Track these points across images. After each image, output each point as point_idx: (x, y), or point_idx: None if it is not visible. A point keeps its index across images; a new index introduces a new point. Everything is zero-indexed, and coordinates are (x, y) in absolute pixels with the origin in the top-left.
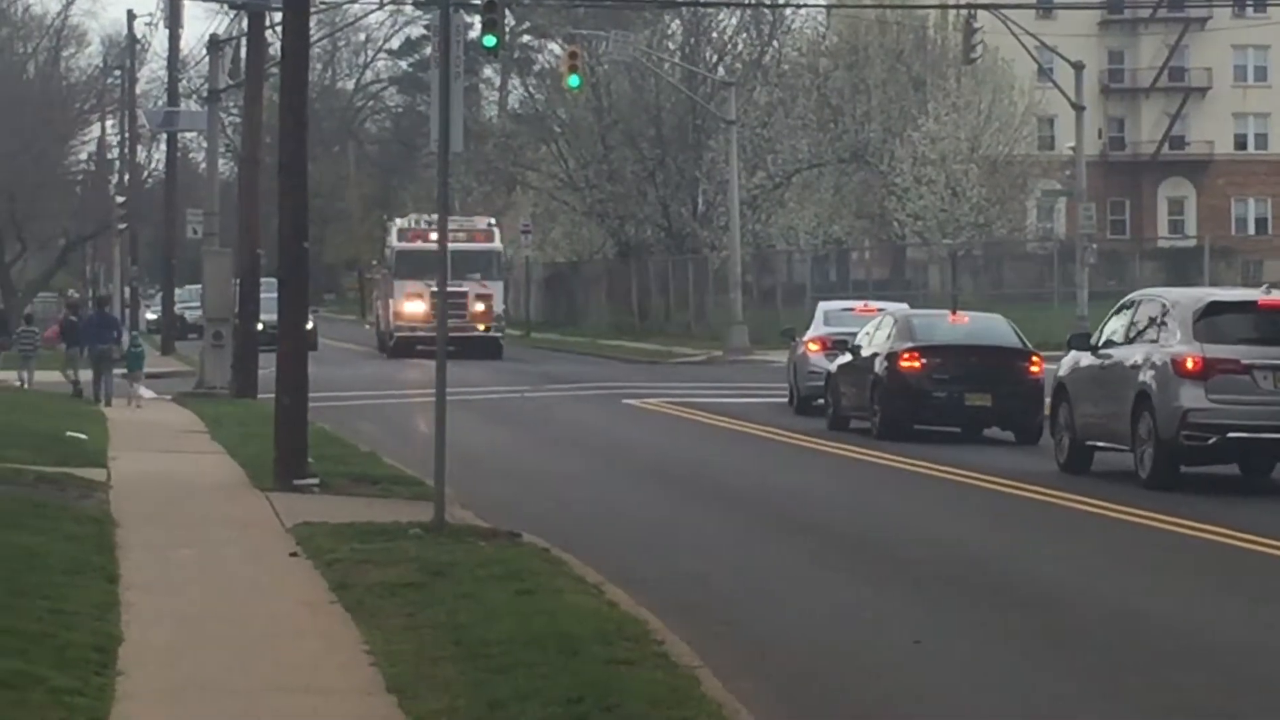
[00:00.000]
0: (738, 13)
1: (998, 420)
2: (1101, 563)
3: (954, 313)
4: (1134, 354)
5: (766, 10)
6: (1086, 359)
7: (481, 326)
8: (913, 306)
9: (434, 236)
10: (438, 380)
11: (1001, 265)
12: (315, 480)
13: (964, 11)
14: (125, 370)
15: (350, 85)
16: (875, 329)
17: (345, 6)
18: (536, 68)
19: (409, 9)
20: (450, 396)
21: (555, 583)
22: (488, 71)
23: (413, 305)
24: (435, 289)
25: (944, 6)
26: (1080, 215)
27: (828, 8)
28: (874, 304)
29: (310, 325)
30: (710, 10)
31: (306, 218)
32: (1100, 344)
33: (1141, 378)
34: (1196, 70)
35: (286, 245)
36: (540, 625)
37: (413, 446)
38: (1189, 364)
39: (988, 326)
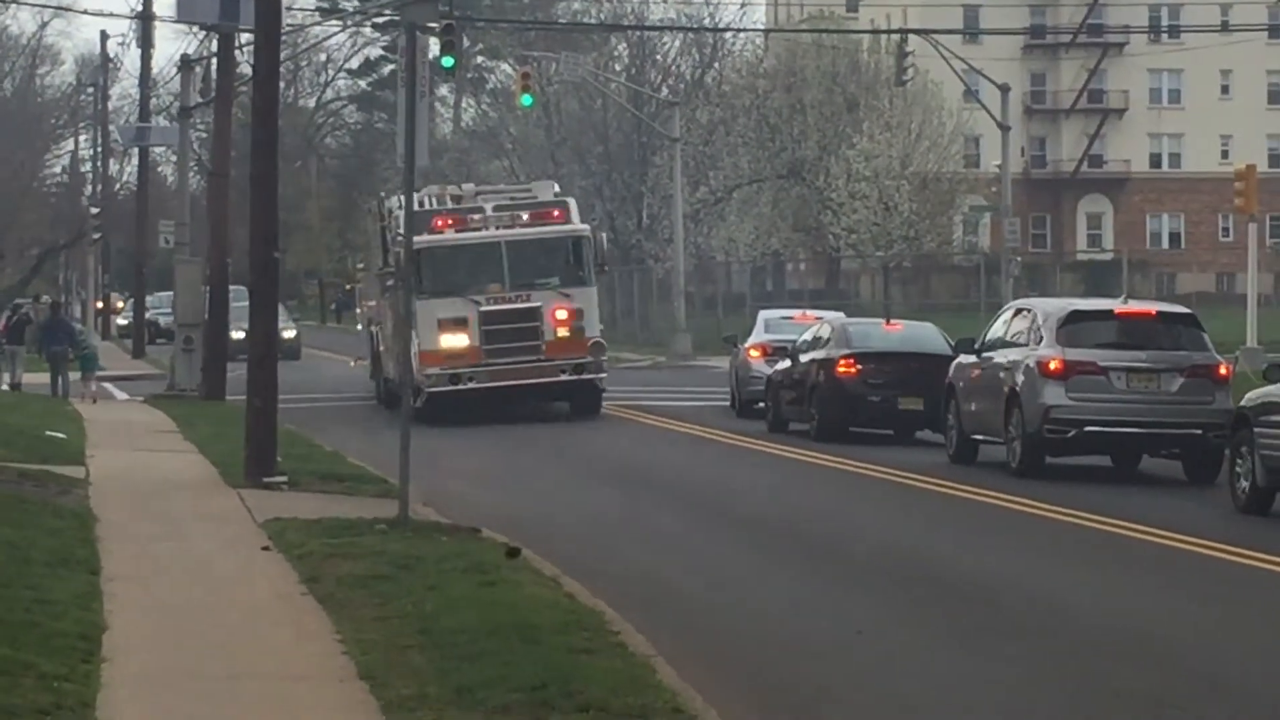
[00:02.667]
0: (681, 36)
1: (929, 423)
2: (1004, 550)
3: (888, 321)
4: (1008, 357)
5: (708, 34)
6: (972, 361)
7: (569, 364)
8: (847, 315)
9: (477, 218)
10: (403, 383)
11: (930, 276)
12: (284, 478)
13: (896, 36)
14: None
15: (311, 103)
16: (813, 336)
17: (308, 28)
18: (490, 86)
19: (368, 31)
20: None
21: (516, 576)
22: (443, 90)
23: (452, 338)
24: (487, 306)
25: (877, 31)
26: (1004, 229)
27: (766, 32)
28: (812, 313)
29: (293, 334)
30: (655, 34)
31: (276, 228)
32: (982, 348)
33: (1013, 378)
34: (1114, 93)
35: (256, 254)
36: (503, 616)
37: (378, 446)
38: (1052, 366)
39: (920, 334)
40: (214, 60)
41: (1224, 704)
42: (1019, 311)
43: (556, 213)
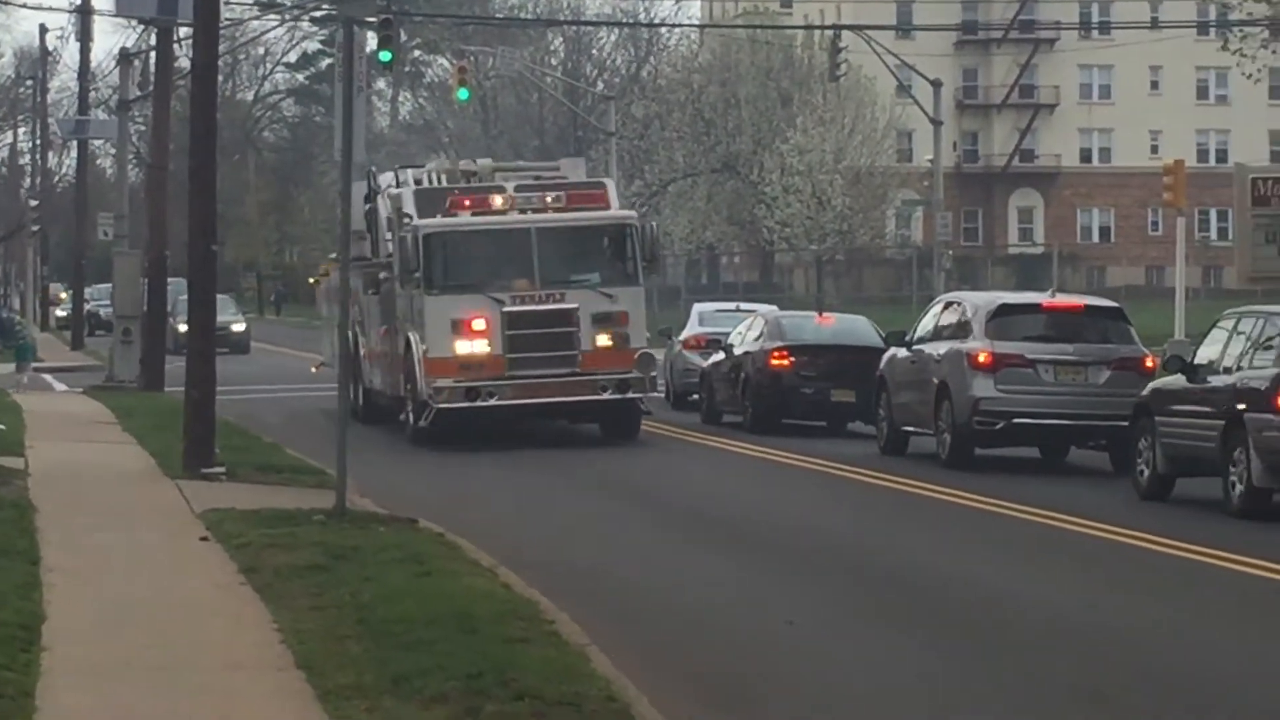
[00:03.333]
0: (616, 31)
1: (860, 415)
2: (930, 540)
3: (820, 314)
4: (938, 350)
5: (643, 29)
6: (902, 354)
7: (611, 379)
8: (780, 308)
9: (499, 202)
10: (340, 373)
11: (863, 270)
12: (222, 469)
13: (829, 32)
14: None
15: (249, 96)
16: (747, 329)
17: (246, 22)
18: (427, 80)
19: (306, 25)
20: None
21: (452, 566)
22: (380, 84)
23: (468, 344)
24: (513, 306)
25: (810, 27)
26: (936, 223)
27: (701, 27)
28: (746, 305)
29: (243, 327)
30: (591, 29)
31: (215, 221)
32: (913, 341)
33: (943, 370)
34: (1045, 88)
35: (195, 247)
36: (440, 605)
37: (313, 437)
38: (980, 359)
39: (852, 327)
40: (153, 54)
41: (1150, 690)
42: (949, 305)
43: (596, 195)
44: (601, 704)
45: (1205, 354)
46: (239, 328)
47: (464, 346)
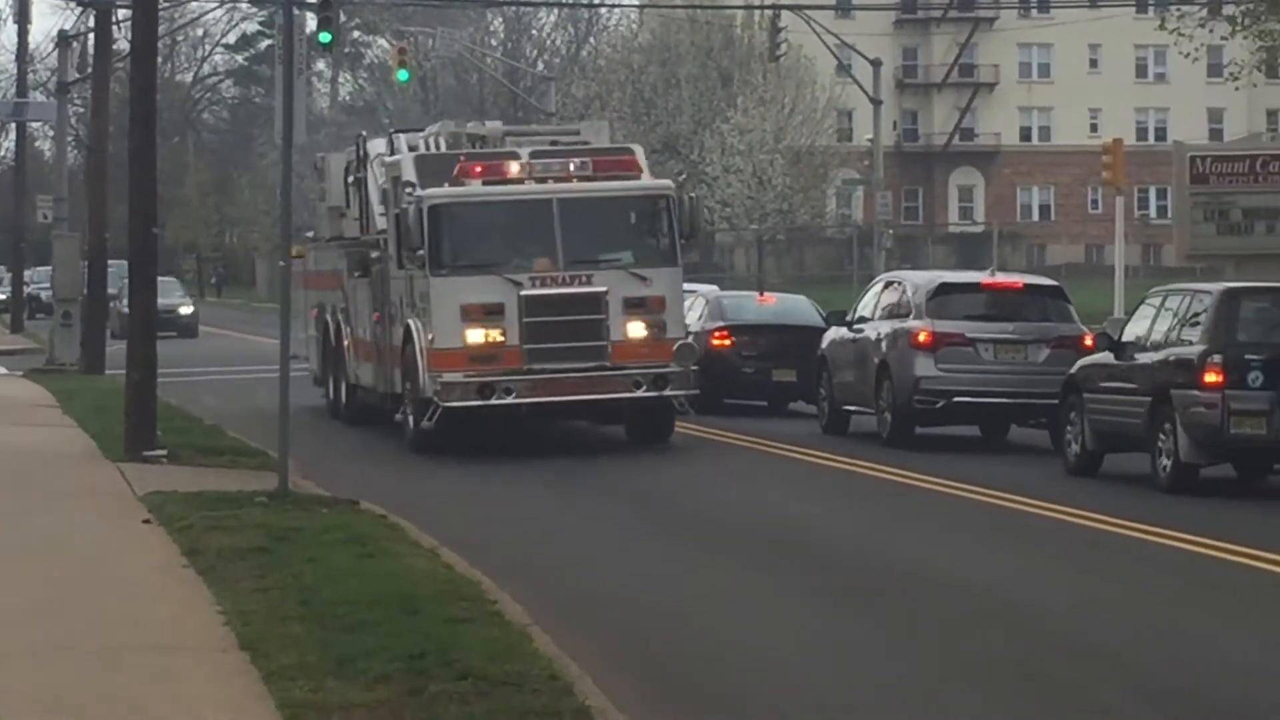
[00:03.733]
0: (556, 11)
1: (802, 394)
2: (867, 517)
3: (761, 294)
4: (879, 329)
5: (583, 9)
6: (843, 334)
7: (645, 373)
8: (721, 288)
9: (516, 170)
10: (281, 354)
11: (804, 249)
12: (163, 452)
13: (769, 11)
14: None
15: (189, 78)
16: (688, 309)
17: (186, 3)
18: (367, 61)
19: (245, 6)
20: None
21: (394, 547)
22: (320, 65)
23: (480, 332)
24: (532, 289)
25: (750, 7)
26: (877, 203)
27: (640, 7)
28: (687, 285)
29: (190, 310)
30: (530, 9)
31: (155, 204)
32: (854, 320)
33: (883, 350)
34: (985, 67)
35: (136, 230)
36: (382, 586)
37: (255, 419)
38: (921, 338)
39: (793, 307)
40: (91, 36)
41: (1080, 664)
42: (889, 284)
43: (625, 161)
44: (544, 683)
45: (1133, 331)
46: (186, 310)
47: (475, 335)
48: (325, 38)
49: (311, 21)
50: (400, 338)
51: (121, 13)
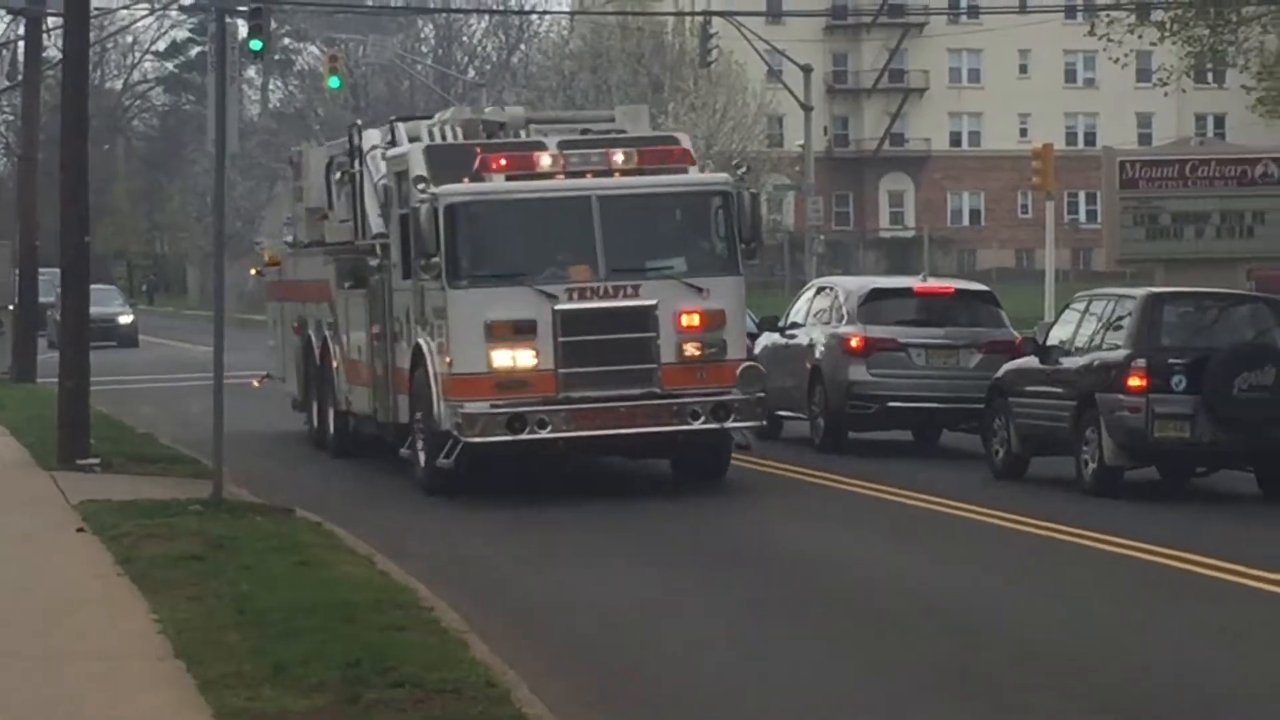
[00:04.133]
0: (487, 18)
1: None
2: (798, 523)
3: None
4: (811, 334)
5: (514, 17)
6: (775, 339)
7: (704, 402)
8: None
9: (547, 162)
10: (215, 363)
11: None
12: (97, 460)
13: (700, 18)
14: None
15: (118, 85)
16: None
17: (115, 11)
18: (297, 68)
19: (175, 13)
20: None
21: (330, 555)
22: (250, 72)
23: (509, 354)
24: (569, 303)
25: (681, 14)
26: (808, 208)
27: (571, 14)
28: None
29: (130, 319)
30: (461, 16)
31: (88, 212)
32: (786, 326)
33: (815, 355)
34: (915, 72)
35: (69, 238)
36: (318, 594)
37: (188, 427)
38: (853, 343)
39: None
40: (21, 44)
41: (1013, 664)
42: (821, 290)
43: (675, 152)
44: (480, 690)
45: (1058, 335)
46: (126, 320)
47: (503, 358)
48: (256, 45)
49: (243, 29)
50: (407, 359)
51: (52, 20)
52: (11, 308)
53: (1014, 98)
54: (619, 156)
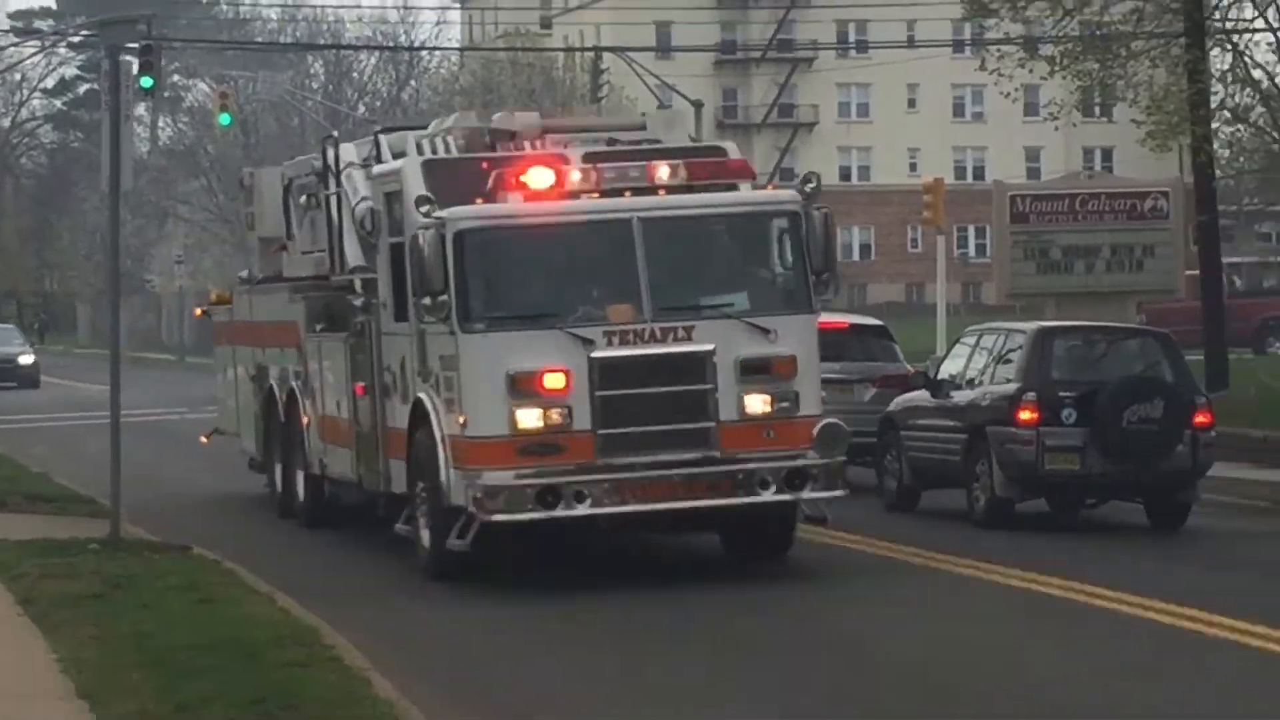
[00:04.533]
0: (377, 54)
1: None
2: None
3: None
4: None
5: (404, 53)
6: None
7: (774, 467)
8: None
9: (577, 178)
10: (111, 402)
11: None
12: None
13: (590, 53)
14: None
15: (6, 123)
16: None
17: (3, 50)
18: (187, 105)
19: (64, 50)
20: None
21: (230, 592)
22: (140, 109)
23: (534, 413)
24: (608, 350)
25: (571, 50)
26: None
27: (461, 50)
28: None
29: (31, 360)
30: (351, 53)
31: None
32: None
33: None
34: (804, 107)
35: None
36: (220, 632)
37: (83, 466)
38: None
39: None
40: None
41: (901, 692)
42: None
43: (731, 165)
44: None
45: (948, 369)
46: (27, 360)
47: (529, 418)
48: (147, 82)
49: (134, 65)
50: (403, 418)
51: None
52: None
53: (903, 132)
54: (663, 171)
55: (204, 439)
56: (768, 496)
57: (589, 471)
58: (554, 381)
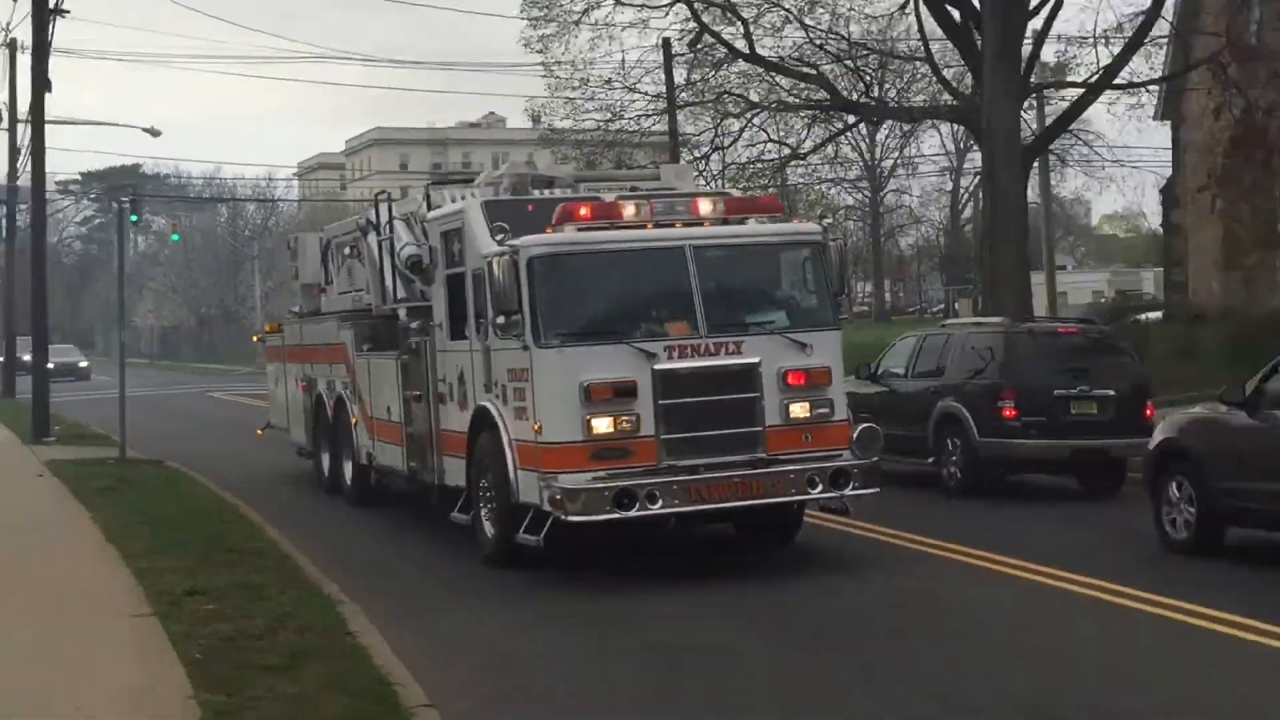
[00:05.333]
0: (256, 204)
1: None
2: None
3: None
4: None
5: (270, 198)
6: None
7: (816, 468)
8: None
9: (631, 212)
10: (119, 369)
11: None
12: (54, 439)
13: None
14: None
15: (54, 239)
16: None
17: (56, 201)
18: (154, 229)
19: (87, 201)
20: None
21: (190, 487)
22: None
23: (607, 421)
24: (669, 363)
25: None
26: None
27: (299, 201)
28: None
29: (86, 364)
30: (240, 201)
31: (46, 303)
32: None
33: None
34: None
35: (37, 317)
36: (186, 506)
37: (109, 422)
38: None
39: None
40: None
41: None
42: None
43: (762, 200)
44: (277, 556)
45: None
46: (84, 364)
47: (603, 424)
48: (134, 218)
49: (127, 208)
50: (457, 421)
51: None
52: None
53: None
54: (706, 205)
55: (259, 432)
56: (817, 494)
57: (656, 474)
58: (624, 391)
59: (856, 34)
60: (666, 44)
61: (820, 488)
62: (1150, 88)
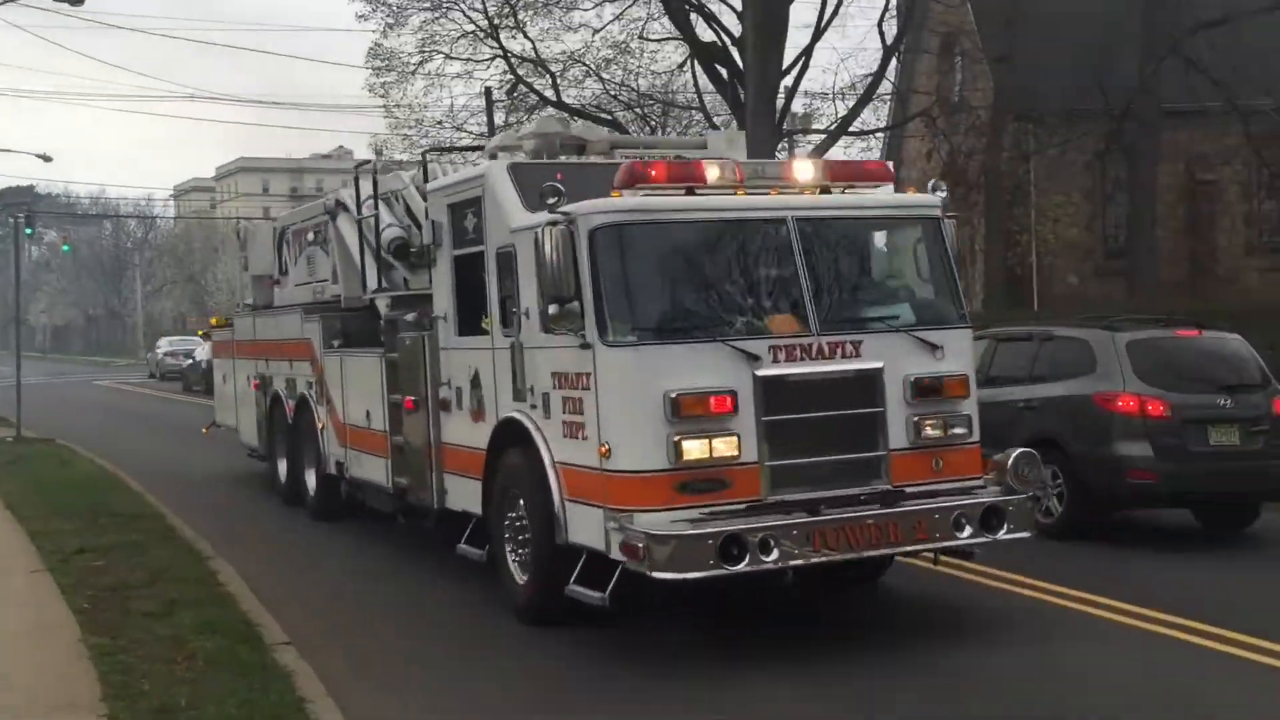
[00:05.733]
0: (138, 219)
1: None
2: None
3: None
4: None
5: (150, 214)
6: None
7: (962, 504)
8: None
9: (715, 175)
10: (16, 360)
11: None
12: None
13: None
14: None
15: None
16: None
17: None
18: (46, 240)
19: None
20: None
21: (80, 463)
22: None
23: (699, 442)
24: (775, 367)
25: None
26: None
27: (175, 218)
28: None
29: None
30: (124, 217)
31: None
32: None
33: None
34: None
35: None
36: (74, 477)
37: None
38: None
39: None
40: None
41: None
42: None
43: (868, 166)
44: (157, 519)
45: None
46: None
47: (696, 447)
48: (29, 230)
49: (22, 221)
50: (472, 435)
51: None
52: None
53: None
54: (803, 169)
55: (205, 430)
56: (964, 539)
57: (763, 512)
58: (723, 405)
59: (644, 86)
60: (488, 92)
61: (969, 530)
62: (877, 134)
